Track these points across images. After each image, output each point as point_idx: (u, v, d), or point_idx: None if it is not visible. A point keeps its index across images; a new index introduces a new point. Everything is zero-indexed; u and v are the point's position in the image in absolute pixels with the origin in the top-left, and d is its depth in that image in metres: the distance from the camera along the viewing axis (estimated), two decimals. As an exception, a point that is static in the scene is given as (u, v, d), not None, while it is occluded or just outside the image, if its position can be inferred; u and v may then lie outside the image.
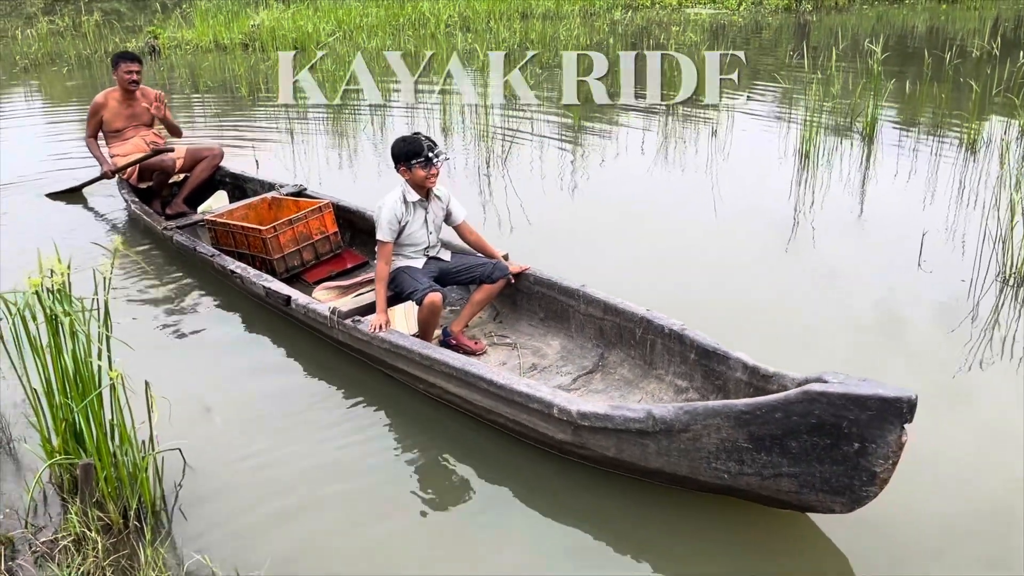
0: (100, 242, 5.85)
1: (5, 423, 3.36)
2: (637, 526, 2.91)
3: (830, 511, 2.65)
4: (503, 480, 3.16)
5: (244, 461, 3.26)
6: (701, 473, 2.75)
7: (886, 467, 2.47)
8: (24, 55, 13.67)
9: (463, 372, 3.26)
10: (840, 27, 15.05)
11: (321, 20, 14.72)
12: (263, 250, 4.82)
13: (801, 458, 2.56)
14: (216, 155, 6.21)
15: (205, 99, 10.59)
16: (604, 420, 2.84)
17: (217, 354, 4.23)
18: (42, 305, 2.61)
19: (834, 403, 2.43)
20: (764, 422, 2.54)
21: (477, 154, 7.63)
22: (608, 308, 3.76)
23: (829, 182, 6.54)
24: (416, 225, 3.88)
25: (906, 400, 2.38)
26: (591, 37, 13.08)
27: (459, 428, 3.48)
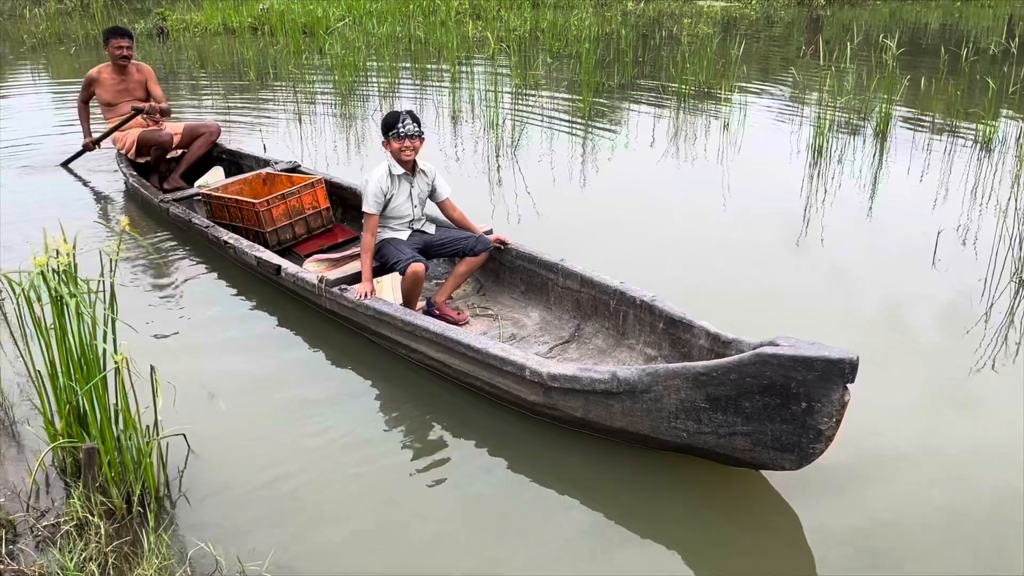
0: (98, 217, 5.95)
1: (8, 405, 3.32)
2: (603, 483, 3.06)
3: (781, 468, 2.79)
4: (480, 440, 3.30)
5: (246, 446, 3.22)
6: (662, 432, 2.91)
7: (830, 425, 2.62)
8: (32, 34, 13.60)
9: (443, 337, 3.42)
10: (853, 22, 14.93)
11: (331, 5, 14.63)
12: (256, 223, 4.93)
13: (754, 417, 2.71)
14: (213, 132, 6.29)
15: (213, 83, 10.52)
16: (572, 381, 3.01)
17: (211, 325, 4.25)
18: (48, 286, 2.56)
19: (784, 364, 2.57)
20: (720, 383, 2.70)
21: (487, 143, 7.56)
22: (584, 281, 3.94)
23: (841, 178, 6.48)
24: (401, 198, 4.02)
25: (848, 361, 2.52)
26: (602, 27, 12.98)
27: (439, 391, 3.62)
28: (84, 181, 6.69)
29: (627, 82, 9.93)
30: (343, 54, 9.89)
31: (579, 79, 9.48)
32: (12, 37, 14.21)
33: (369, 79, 9.92)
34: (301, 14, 13.69)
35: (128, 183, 6.06)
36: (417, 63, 11.03)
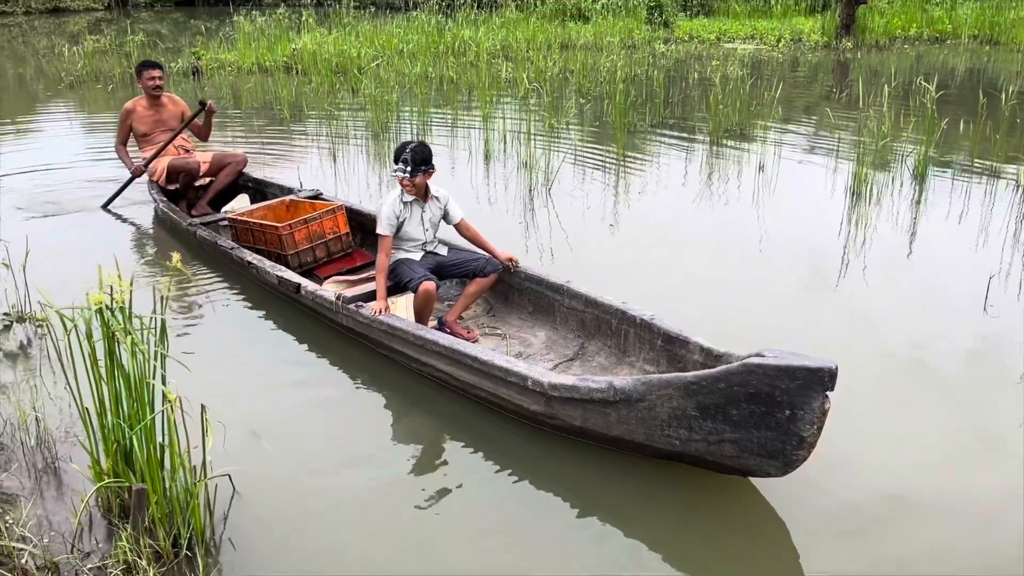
0: (130, 247, 6.16)
1: (51, 442, 3.29)
2: (601, 490, 3.23)
3: (767, 475, 2.96)
4: (486, 448, 3.50)
5: (288, 487, 3.16)
6: (656, 440, 3.08)
7: (812, 432, 2.78)
8: (69, 72, 13.87)
9: (451, 350, 3.62)
10: (880, 65, 14.93)
11: (363, 45, 14.83)
12: (279, 246, 5.17)
13: (741, 425, 2.86)
14: (240, 161, 6.56)
15: (247, 121, 10.65)
16: (572, 391, 3.18)
17: (238, 347, 4.43)
18: (103, 322, 2.54)
19: (768, 374, 2.72)
20: (709, 392, 2.85)
21: (519, 182, 7.57)
22: (588, 302, 4.14)
23: (879, 220, 6.40)
24: (413, 223, 4.29)
25: (827, 370, 2.68)
26: (632, 68, 13.05)
27: (449, 403, 3.85)
28: (118, 213, 6.81)
29: (659, 122, 9.94)
30: (376, 93, 9.98)
31: (610, 119, 9.51)
32: (49, 75, 14.50)
33: (401, 117, 10.00)
34: (334, 54, 13.88)
35: (158, 209, 6.29)
36: (449, 102, 11.12)
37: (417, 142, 4.19)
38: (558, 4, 21.17)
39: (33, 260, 4.43)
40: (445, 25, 17.38)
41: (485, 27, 17.58)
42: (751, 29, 19.70)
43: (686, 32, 19.40)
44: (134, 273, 5.09)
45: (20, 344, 4.20)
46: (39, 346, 4.21)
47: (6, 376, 3.87)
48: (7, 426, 3.37)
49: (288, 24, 16.98)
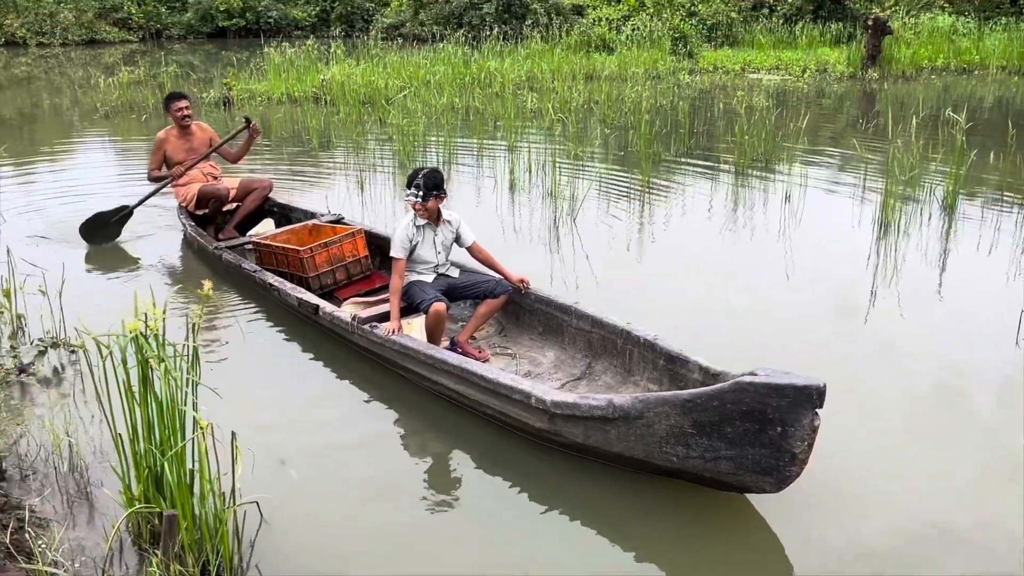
0: (166, 269, 6.35)
1: (84, 467, 3.33)
2: (603, 506, 3.31)
3: (762, 491, 3.04)
4: (491, 464, 3.63)
5: (314, 514, 3.18)
6: (655, 457, 3.16)
7: (803, 448, 2.87)
8: (104, 103, 14.18)
9: (460, 369, 3.73)
10: (907, 96, 14.88)
11: (391, 76, 15.04)
12: (300, 268, 5.33)
13: (736, 442, 2.94)
14: (266, 187, 6.79)
15: (276, 149, 10.81)
16: (573, 408, 3.27)
17: (262, 369, 4.56)
18: (138, 350, 2.58)
19: (760, 391, 2.81)
20: (704, 409, 2.94)
21: (545, 211, 7.61)
22: (595, 322, 4.23)
23: (908, 252, 6.35)
24: (426, 246, 4.44)
25: (815, 388, 2.78)
26: (657, 99, 13.12)
27: (458, 420, 3.96)
28: (148, 234, 7.07)
29: (683, 152, 9.96)
30: (403, 123, 10.11)
31: (635, 149, 9.55)
32: (85, 105, 14.84)
33: (428, 147, 10.11)
34: (362, 84, 14.08)
35: (187, 233, 6.51)
36: (475, 132, 11.22)
37: (429, 168, 4.33)
38: (583, 35, 21.38)
39: (68, 285, 4.52)
40: (471, 56, 17.58)
41: (511, 58, 17.78)
42: (776, 60, 19.75)
43: (711, 63, 19.48)
44: (165, 298, 5.27)
45: (54, 369, 4.27)
46: (72, 371, 4.27)
47: (40, 401, 3.94)
48: (41, 450, 3.43)
49: (317, 55, 17.27)
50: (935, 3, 23.88)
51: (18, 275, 4.83)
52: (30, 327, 4.64)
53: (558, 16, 26.62)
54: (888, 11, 22.28)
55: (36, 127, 13.62)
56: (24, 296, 4.53)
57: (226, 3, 34.82)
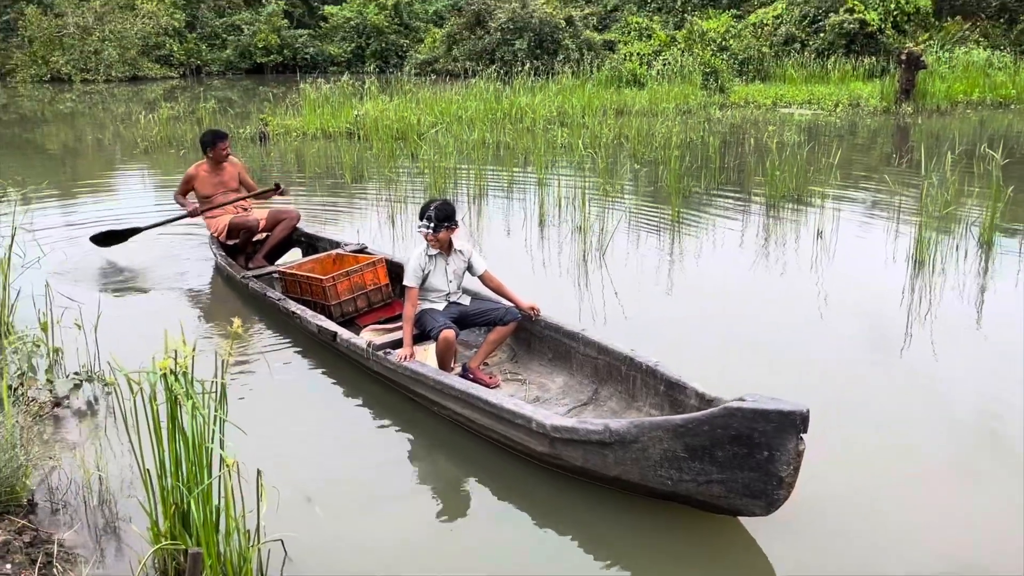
0: (197, 297, 6.62)
1: (113, 501, 3.37)
2: (601, 527, 3.44)
3: (752, 514, 3.14)
4: (496, 487, 3.77)
5: (338, 552, 3.17)
6: (650, 480, 3.26)
7: (789, 472, 2.97)
8: (144, 138, 14.53)
9: (465, 394, 3.87)
10: (942, 130, 14.74)
11: (423, 112, 15.24)
12: (323, 296, 5.49)
13: (726, 465, 3.04)
14: (294, 218, 7.01)
15: (310, 184, 10.98)
16: (572, 432, 3.39)
17: (285, 398, 4.64)
18: (167, 387, 2.61)
19: (747, 416, 2.93)
20: (696, 434, 3.05)
21: (574, 246, 7.61)
22: (601, 349, 4.33)
23: (944, 289, 6.25)
24: (438, 275, 4.58)
25: (799, 413, 2.90)
26: (688, 134, 13.14)
27: (466, 444, 4.08)
28: (184, 268, 7.28)
29: (714, 187, 9.94)
30: (435, 159, 10.22)
31: (665, 184, 9.54)
32: (126, 139, 15.21)
33: (459, 182, 10.19)
34: (395, 120, 14.28)
35: (217, 262, 6.76)
36: (505, 167, 11.30)
37: (441, 200, 4.52)
38: (614, 71, 21.53)
39: (103, 317, 4.60)
40: (503, 92, 17.77)
41: (541, 94, 17.94)
42: (808, 94, 19.70)
43: (742, 97, 19.49)
44: (196, 332, 5.37)
45: (88, 402, 4.34)
46: (105, 404, 4.34)
47: (73, 434, 4.00)
48: (72, 484, 3.47)
49: (352, 91, 17.57)
50: (970, 37, 23.71)
51: (56, 308, 4.93)
52: (66, 360, 4.73)
53: (589, 51, 26.87)
54: (922, 45, 22.16)
55: (79, 161, 13.98)
56: (61, 329, 4.62)
57: (264, 40, 35.65)
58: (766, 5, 27.79)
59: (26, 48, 33.23)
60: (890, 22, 24.16)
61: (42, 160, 14.02)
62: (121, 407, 3.02)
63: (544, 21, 27.61)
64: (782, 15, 26.10)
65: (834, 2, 24.74)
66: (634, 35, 27.80)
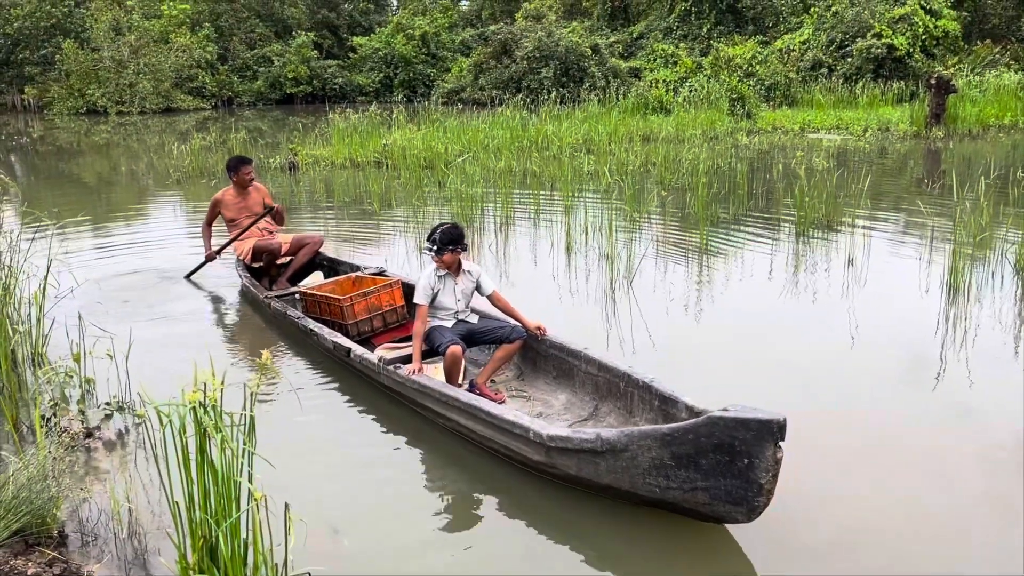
0: (223, 318, 6.83)
1: (142, 533, 3.37)
2: (593, 533, 3.58)
3: (735, 520, 3.27)
4: (498, 495, 3.92)
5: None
6: (639, 488, 3.41)
7: (768, 479, 3.11)
8: (177, 168, 14.78)
9: (468, 405, 4.04)
10: (974, 155, 14.57)
11: (450, 141, 15.36)
12: (341, 316, 5.68)
13: (710, 473, 3.19)
14: (316, 242, 7.31)
15: (339, 212, 11.08)
16: (565, 441, 3.56)
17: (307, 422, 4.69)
18: (196, 419, 2.62)
19: (728, 425, 3.08)
20: (681, 443, 3.21)
21: (601, 273, 7.58)
22: (601, 367, 4.48)
23: (980, 317, 6.13)
24: (447, 294, 4.78)
25: (776, 422, 3.04)
26: (715, 160, 13.10)
27: (468, 455, 4.27)
28: (214, 291, 7.55)
29: (742, 214, 9.88)
30: (462, 187, 10.28)
31: (692, 211, 9.50)
32: (159, 170, 15.48)
33: (486, 210, 10.23)
34: (422, 149, 14.40)
35: (243, 284, 7.09)
36: (532, 195, 11.33)
37: (449, 224, 4.73)
38: (640, 98, 21.60)
39: (134, 344, 4.64)
40: (529, 120, 17.88)
41: (568, 121, 18.02)
42: (836, 119, 19.61)
43: (769, 123, 19.44)
44: (224, 359, 5.40)
45: (118, 432, 4.37)
46: (135, 435, 4.36)
47: (103, 465, 4.02)
48: (102, 516, 3.48)
49: (380, 121, 17.76)
50: (1000, 61, 23.51)
51: (88, 338, 4.99)
52: (98, 390, 4.77)
53: (615, 79, 27.01)
54: (952, 69, 22.00)
55: (113, 191, 14.24)
56: (93, 360, 4.67)
57: (294, 71, 36.25)
58: (792, 31, 27.82)
59: (63, 81, 34.06)
60: (919, 46, 24.05)
61: (77, 191, 14.30)
62: (151, 438, 3.03)
63: (570, 50, 27.82)
64: (809, 41, 26.10)
65: (861, 27, 24.70)
66: (660, 62, 27.93)
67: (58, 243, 8.44)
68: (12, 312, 5.23)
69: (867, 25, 24.47)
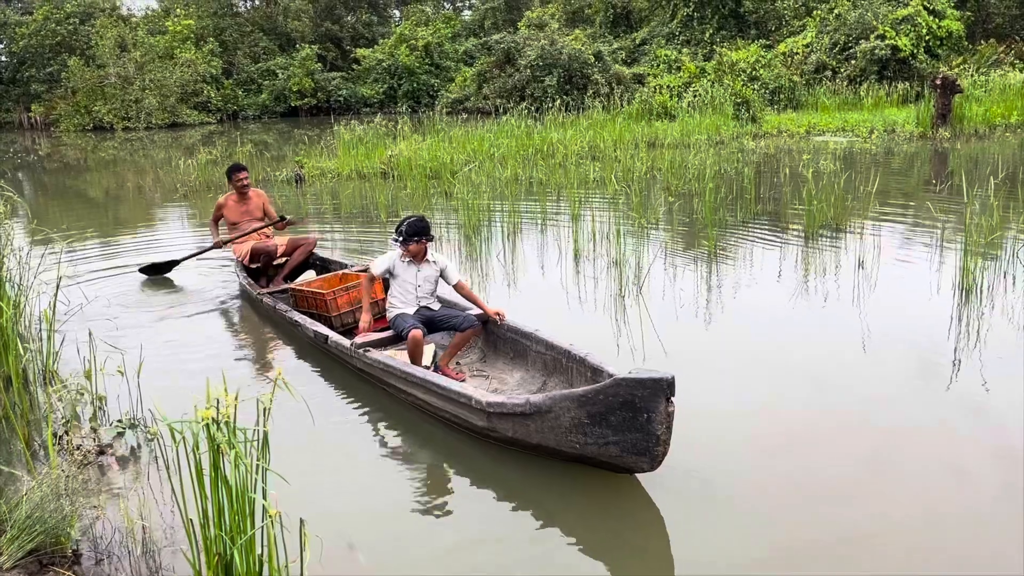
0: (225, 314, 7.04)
1: (156, 551, 3.36)
2: (529, 488, 4.03)
3: (642, 470, 3.74)
4: (450, 458, 4.41)
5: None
6: (563, 445, 3.87)
7: (663, 431, 3.58)
8: (184, 183, 14.82)
9: (423, 380, 4.54)
10: (981, 154, 14.52)
11: (455, 150, 15.37)
12: (325, 309, 6.16)
13: (619, 428, 3.64)
14: (310, 244, 7.83)
15: (346, 224, 11.09)
16: (501, 407, 4.04)
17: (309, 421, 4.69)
18: (209, 436, 2.61)
19: (630, 385, 3.55)
20: (594, 403, 3.66)
21: (610, 280, 7.56)
22: (549, 346, 4.94)
23: (992, 318, 6.09)
24: (408, 278, 5.29)
25: (665, 380, 3.51)
26: (720, 165, 13.08)
27: (429, 427, 4.72)
28: (211, 285, 8.12)
29: (750, 218, 9.85)
30: (468, 197, 10.27)
31: (700, 216, 9.48)
32: (166, 185, 15.53)
33: (493, 219, 10.22)
34: (428, 159, 14.41)
35: (240, 282, 7.59)
36: (538, 203, 11.33)
37: (415, 217, 5.22)
38: (644, 104, 21.60)
39: (145, 355, 4.64)
40: (534, 128, 17.88)
41: (573, 129, 18.03)
42: (841, 121, 19.57)
43: (774, 127, 19.42)
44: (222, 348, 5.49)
45: (131, 449, 4.35)
46: (148, 451, 4.35)
47: (117, 482, 4.01)
48: (116, 533, 3.47)
49: (385, 132, 17.80)
50: (1005, 60, 23.45)
51: (99, 354, 4.98)
52: (109, 407, 4.77)
53: (619, 86, 27.03)
54: (956, 69, 21.95)
55: (120, 207, 14.30)
56: (104, 377, 4.66)
57: (299, 84, 36.40)
58: (795, 34, 27.81)
59: (69, 98, 34.28)
60: (922, 47, 24.01)
61: (85, 206, 14.36)
62: (164, 455, 3.01)
63: (573, 57, 27.87)
64: (812, 44, 26.08)
65: (864, 29, 24.68)
66: (663, 68, 27.94)
67: (67, 259, 8.47)
68: (23, 330, 5.24)
69: (870, 27, 24.45)
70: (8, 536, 3.11)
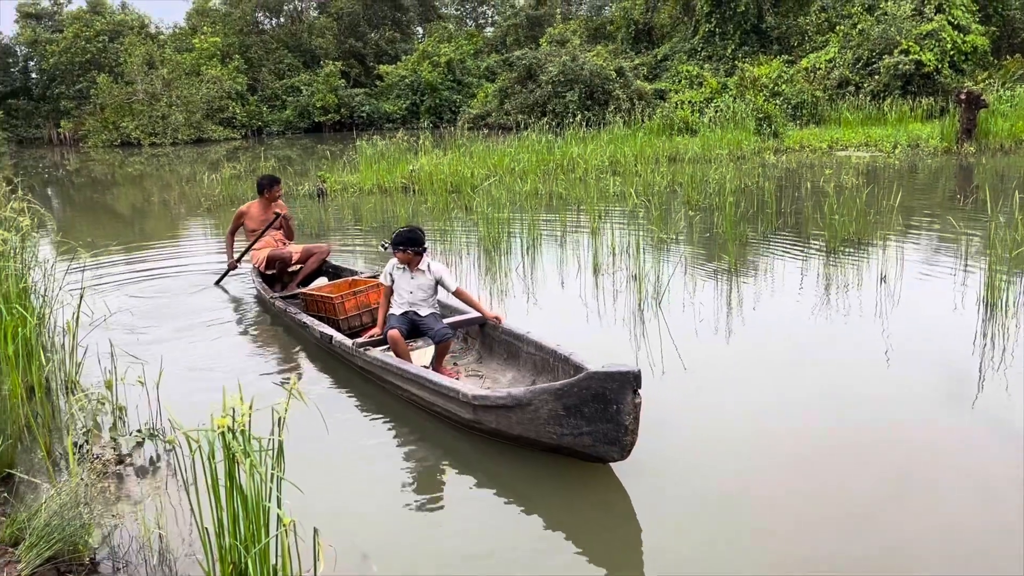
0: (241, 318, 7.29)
1: (172, 560, 3.37)
2: (513, 478, 4.25)
3: (613, 459, 3.96)
4: (438, 449, 4.64)
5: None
6: (543, 436, 4.08)
7: (631, 420, 3.78)
8: (208, 197, 14.98)
9: (415, 375, 4.78)
10: (1007, 169, 14.35)
11: (476, 165, 15.43)
12: (334, 312, 6.40)
13: (592, 419, 3.85)
14: (324, 251, 8.18)
15: (366, 237, 11.15)
16: (485, 399, 4.26)
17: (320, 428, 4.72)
18: (224, 445, 2.62)
19: (600, 379, 3.77)
20: (569, 395, 3.88)
21: (629, 295, 7.53)
22: (538, 347, 5.17)
23: (1019, 334, 6.00)
24: (403, 284, 5.55)
25: (632, 372, 3.72)
26: (742, 180, 13.02)
27: (420, 420, 4.95)
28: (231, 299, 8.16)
29: (771, 233, 9.79)
30: (488, 211, 10.30)
31: (720, 231, 9.43)
32: (191, 199, 15.72)
33: (513, 233, 10.23)
34: (449, 174, 14.48)
35: (256, 288, 7.87)
36: (558, 217, 11.33)
37: (407, 228, 5.48)
38: (665, 119, 21.59)
39: (164, 358, 4.68)
40: (554, 143, 17.92)
41: (593, 143, 18.04)
42: (864, 136, 19.45)
43: (796, 142, 19.32)
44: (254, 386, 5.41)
45: (150, 459, 4.39)
46: (166, 461, 4.38)
47: (135, 491, 4.04)
48: (133, 543, 3.49)
49: (407, 147, 17.91)
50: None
51: (120, 365, 5.04)
52: (129, 417, 4.81)
53: (640, 101, 27.04)
54: (981, 84, 21.76)
55: (146, 221, 14.47)
56: (125, 386, 4.71)
57: (322, 100, 36.77)
58: (818, 50, 27.71)
59: (98, 115, 34.85)
60: (947, 62, 23.82)
61: (112, 221, 14.56)
62: (182, 464, 3.03)
63: (594, 73, 27.93)
64: (835, 59, 25.97)
65: (888, 44, 24.55)
66: (685, 83, 27.93)
67: (92, 271, 8.59)
68: (47, 340, 5.30)
69: (894, 42, 24.31)
70: (27, 543, 3.14)
